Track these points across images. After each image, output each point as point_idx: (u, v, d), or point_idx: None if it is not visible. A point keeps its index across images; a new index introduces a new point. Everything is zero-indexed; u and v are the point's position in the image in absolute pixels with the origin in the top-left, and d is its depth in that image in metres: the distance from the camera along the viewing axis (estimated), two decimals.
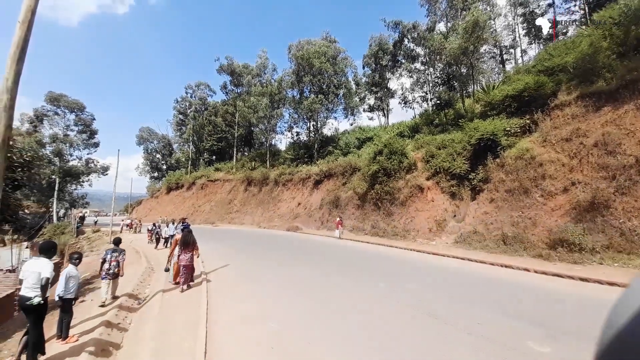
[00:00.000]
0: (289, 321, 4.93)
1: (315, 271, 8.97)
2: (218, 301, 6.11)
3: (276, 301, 6.17)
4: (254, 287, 7.37)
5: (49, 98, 32.78)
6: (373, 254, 12.29)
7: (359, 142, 32.49)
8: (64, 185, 34.44)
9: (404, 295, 6.48)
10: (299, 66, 34.06)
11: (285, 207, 28.56)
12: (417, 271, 9.08)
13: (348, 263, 10.33)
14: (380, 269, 9.34)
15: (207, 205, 39.69)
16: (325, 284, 7.60)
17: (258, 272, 8.94)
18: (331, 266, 9.65)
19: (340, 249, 13.71)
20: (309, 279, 8.14)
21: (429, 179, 17.50)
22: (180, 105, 55.20)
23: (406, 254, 12.35)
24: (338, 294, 6.61)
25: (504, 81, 26.14)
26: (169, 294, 6.75)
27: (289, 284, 7.62)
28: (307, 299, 6.29)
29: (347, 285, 7.42)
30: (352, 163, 23.80)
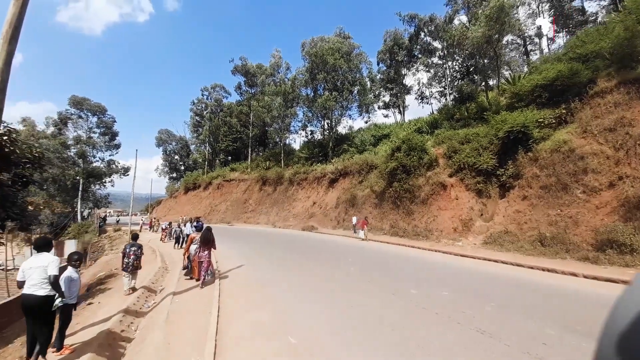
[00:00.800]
0: (308, 335, 4.31)
1: (337, 275, 8.26)
2: (231, 307, 5.67)
3: (294, 310, 5.58)
4: (270, 291, 6.81)
5: (72, 101, 34.12)
6: (397, 256, 11.48)
7: (374, 139, 31.60)
8: (87, 186, 35.75)
9: (440, 304, 5.65)
10: (312, 64, 33.56)
11: (300, 207, 28.14)
12: (449, 275, 8.30)
13: (372, 266, 9.52)
14: (408, 273, 8.56)
15: (223, 204, 40.02)
16: (349, 290, 6.81)
17: (274, 275, 8.40)
18: (354, 269, 8.83)
19: (360, 250, 12.93)
20: (329, 284, 7.41)
21: (451, 175, 16.48)
22: (196, 107, 56.20)
23: (432, 255, 11.50)
24: (364, 302, 5.90)
25: (531, 71, 24.59)
26: (180, 297, 6.35)
27: (307, 289, 6.97)
28: (328, 307, 5.59)
29: (373, 292, 6.66)
30: (369, 161, 23.02)
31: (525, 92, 18.22)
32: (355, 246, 14.11)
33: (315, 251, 13.00)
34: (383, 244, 14.81)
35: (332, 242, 15.89)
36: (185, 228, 15.40)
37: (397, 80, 49.69)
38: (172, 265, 11.10)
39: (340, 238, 17.57)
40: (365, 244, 15.08)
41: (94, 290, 7.91)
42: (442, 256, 11.14)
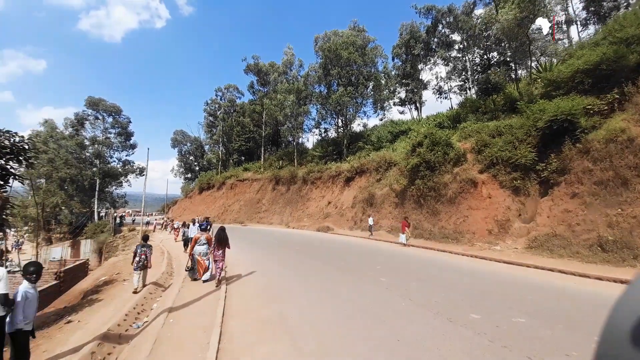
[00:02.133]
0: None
1: (367, 289, 6.67)
2: (237, 335, 4.43)
3: (315, 336, 4.26)
4: (284, 309, 5.47)
5: (88, 102, 34.70)
6: (431, 263, 10.09)
7: (391, 135, 30.11)
8: (104, 186, 36.26)
9: (525, 339, 3.96)
10: (326, 59, 32.46)
11: (315, 206, 27.10)
12: (508, 291, 6.59)
13: (406, 276, 7.91)
14: (454, 287, 6.85)
15: (236, 204, 39.63)
16: (389, 312, 5.20)
17: (290, 286, 7.17)
18: (385, 281, 7.26)
19: (385, 255, 11.62)
20: (360, 300, 5.86)
21: (482, 171, 14.92)
22: (210, 108, 56.42)
23: (473, 262, 9.93)
24: (416, 335, 4.22)
25: (564, 59, 22.57)
26: (176, 315, 5.24)
27: (332, 308, 5.49)
28: (366, 340, 4.07)
29: (421, 316, 4.99)
30: (387, 158, 21.66)
31: (564, 78, 16.49)
32: (379, 250, 12.81)
33: (335, 256, 11.76)
34: (407, 247, 13.48)
35: (352, 245, 14.59)
36: (189, 230, 13.62)
37: (414, 75, 47.86)
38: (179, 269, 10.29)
39: (360, 240, 16.34)
40: (405, 250, 13.49)
41: (84, 301, 7.14)
42: (486, 264, 9.64)
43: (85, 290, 8.22)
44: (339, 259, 10.92)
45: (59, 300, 7.24)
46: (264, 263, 10.38)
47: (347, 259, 11.01)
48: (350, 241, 16.03)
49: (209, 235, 8.59)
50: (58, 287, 9.96)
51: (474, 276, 8.02)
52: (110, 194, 39.22)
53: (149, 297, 6.01)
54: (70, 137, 33.82)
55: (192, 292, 6.51)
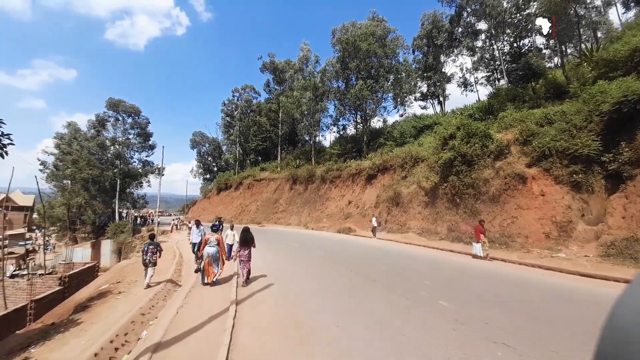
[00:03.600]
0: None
1: (423, 315, 4.96)
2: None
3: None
4: (316, 349, 3.89)
5: (109, 104, 35.36)
6: (492, 276, 7.91)
7: (415, 130, 28.16)
8: (125, 187, 36.80)
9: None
10: (343, 52, 30.97)
11: (334, 206, 25.69)
12: None
13: (472, 298, 5.85)
14: (554, 320, 4.72)
15: (253, 204, 38.99)
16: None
17: (319, 310, 5.39)
18: (447, 306, 5.37)
19: (426, 265, 9.58)
20: (422, 337, 4.13)
21: (531, 165, 12.91)
22: (227, 108, 56.51)
23: (543, 276, 7.76)
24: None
25: (612, 40, 19.94)
26: (166, 354, 3.88)
27: (379, 344, 3.95)
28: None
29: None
30: (413, 153, 19.87)
31: (621, 58, 14.37)
32: (416, 257, 10.96)
33: (369, 265, 9.71)
34: (445, 252, 11.75)
35: (385, 251, 12.87)
36: (191, 233, 11.52)
37: (436, 67, 45.39)
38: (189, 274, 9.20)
39: (391, 245, 14.71)
40: (436, 256, 11.51)
41: (64, 321, 6.15)
42: (561, 277, 7.62)
43: (78, 303, 7.28)
44: (374, 270, 8.88)
45: (51, 313, 6.42)
46: (283, 273, 8.82)
47: (383, 269, 9.06)
48: (380, 246, 14.41)
49: (219, 236, 8.05)
50: (62, 293, 9.30)
51: (563, 297, 6.09)
52: (131, 195, 39.85)
53: (139, 321, 4.79)
54: (92, 138, 34.54)
55: (194, 311, 5.28)
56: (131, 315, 4.65)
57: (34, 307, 7.28)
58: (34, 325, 6.06)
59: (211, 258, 7.63)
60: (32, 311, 7.25)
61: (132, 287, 7.67)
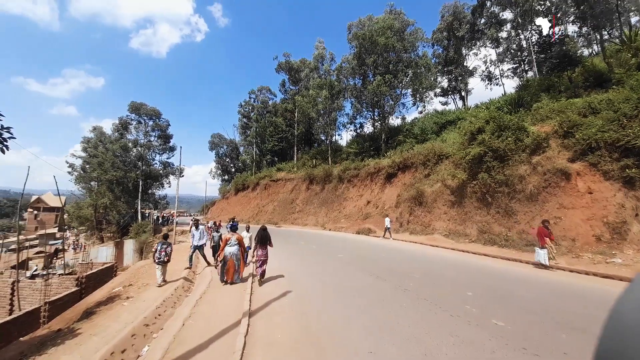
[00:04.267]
0: None
1: (478, 341, 3.95)
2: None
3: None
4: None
5: (131, 107, 36.59)
6: (548, 288, 6.63)
7: (437, 126, 26.83)
8: (147, 188, 37.89)
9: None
10: (360, 47, 30.14)
11: (352, 206, 24.92)
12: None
13: (533, 318, 4.76)
14: None
15: (270, 205, 38.92)
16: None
17: (341, 325, 4.60)
18: (503, 326, 4.41)
19: (463, 272, 8.20)
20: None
21: (574, 159, 11.61)
22: (244, 109, 57.09)
23: (606, 287, 6.56)
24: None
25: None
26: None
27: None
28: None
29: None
30: (437, 149, 18.75)
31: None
32: (449, 263, 9.78)
33: (394, 269, 8.68)
34: (480, 257, 10.70)
35: (413, 256, 11.66)
36: (192, 236, 10.32)
37: (458, 60, 43.51)
38: (204, 277, 8.81)
39: (419, 248, 13.76)
40: (468, 262, 10.18)
41: (61, 332, 5.83)
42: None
43: (86, 308, 7.00)
44: (404, 276, 7.82)
45: (60, 317, 6.20)
46: (301, 278, 8.09)
47: (415, 276, 7.93)
48: (404, 248, 13.52)
49: (239, 236, 8.08)
50: (79, 293, 9.24)
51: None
52: (153, 195, 41.00)
53: (141, 334, 4.32)
54: (115, 140, 35.82)
55: (202, 323, 4.77)
56: (133, 327, 4.18)
57: (48, 309, 7.17)
58: (38, 331, 5.84)
59: (233, 257, 7.71)
60: (47, 313, 7.13)
61: (142, 292, 7.35)
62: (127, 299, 7.02)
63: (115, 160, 34.09)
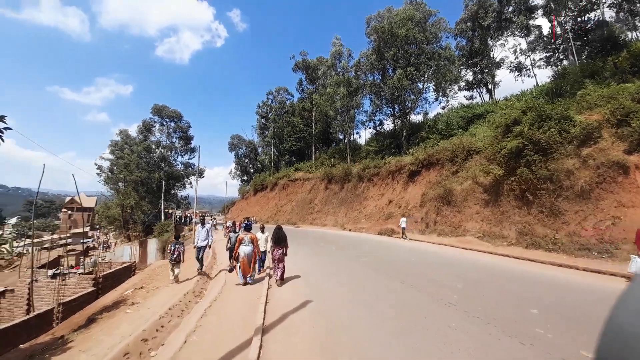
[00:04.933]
0: None
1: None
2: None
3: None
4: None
5: (154, 110, 37.75)
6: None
7: (464, 121, 25.21)
8: (169, 188, 38.91)
9: None
10: (379, 40, 29.03)
11: (373, 206, 23.93)
12: None
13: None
14: None
15: (288, 205, 38.65)
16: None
17: (378, 355, 3.68)
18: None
19: (525, 285, 6.70)
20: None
21: (632, 151, 10.11)
22: (262, 110, 57.47)
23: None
24: None
25: None
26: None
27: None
28: None
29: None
30: (466, 144, 17.41)
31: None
32: (493, 270, 8.35)
33: (430, 277, 7.53)
34: (524, 262, 9.48)
35: (446, 259, 10.21)
36: (197, 235, 9.38)
37: (484, 51, 41.18)
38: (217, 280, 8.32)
39: (446, 250, 12.71)
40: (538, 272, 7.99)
41: (62, 340, 5.51)
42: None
43: (89, 315, 6.55)
44: (443, 286, 6.60)
45: (68, 321, 5.94)
46: (323, 285, 7.23)
47: (457, 286, 6.67)
48: (435, 251, 12.46)
49: (253, 235, 7.88)
50: (95, 294, 9.13)
51: None
52: (175, 196, 42.07)
53: (136, 352, 3.71)
54: (140, 142, 37.05)
55: (208, 338, 4.16)
56: (127, 344, 3.59)
57: (62, 310, 6.98)
58: (42, 337, 5.56)
59: (247, 257, 7.52)
60: (60, 315, 6.93)
61: (150, 296, 6.96)
62: (132, 304, 6.64)
63: (140, 161, 35.26)
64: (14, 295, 9.25)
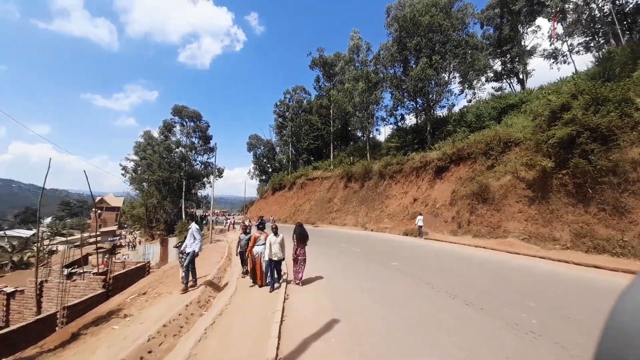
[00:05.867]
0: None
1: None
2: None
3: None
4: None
5: (174, 110, 38.45)
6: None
7: (496, 112, 23.19)
8: (189, 188, 39.49)
9: None
10: (400, 30, 27.51)
11: (396, 205, 22.57)
12: None
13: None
14: None
15: (307, 204, 37.94)
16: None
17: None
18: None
19: (598, 298, 5.28)
20: None
21: None
22: (279, 109, 57.31)
23: None
24: None
25: None
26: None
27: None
28: None
29: None
30: (502, 136, 15.70)
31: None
32: (560, 281, 6.73)
33: (482, 289, 6.20)
34: (590, 269, 7.95)
35: (493, 266, 8.53)
36: (194, 235, 8.00)
37: (515, 38, 38.39)
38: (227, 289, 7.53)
39: (486, 254, 11.30)
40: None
41: (52, 348, 4.80)
42: None
43: (73, 330, 5.70)
44: (517, 308, 5.04)
45: (64, 329, 5.40)
46: (350, 297, 5.97)
47: (533, 305, 5.13)
48: (474, 254, 11.06)
49: (267, 234, 7.34)
50: (105, 295, 8.73)
51: None
52: (195, 195, 42.71)
53: None
54: (161, 142, 37.87)
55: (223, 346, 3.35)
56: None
57: (67, 314, 6.49)
58: (28, 350, 5.00)
59: (261, 257, 7.08)
60: (65, 319, 6.44)
61: (149, 305, 6.22)
62: (124, 317, 5.85)
63: (162, 161, 36.01)
64: (24, 296, 9.09)
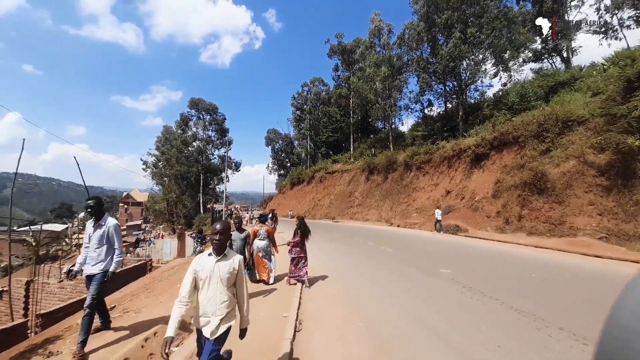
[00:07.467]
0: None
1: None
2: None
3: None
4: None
5: (190, 103, 38.17)
6: None
7: (544, 91, 20.17)
8: (207, 181, 39.26)
9: None
10: (428, 5, 24.88)
11: (425, 198, 20.40)
12: None
13: None
14: None
15: (326, 198, 36.40)
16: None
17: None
18: None
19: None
20: None
21: None
22: (297, 102, 55.99)
23: None
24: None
25: None
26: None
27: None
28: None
29: None
30: (560, 114, 13.11)
31: None
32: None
33: (579, 311, 4.33)
34: None
35: (574, 273, 6.37)
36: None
37: (558, 12, 34.06)
38: None
39: (554, 256, 9.05)
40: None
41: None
42: None
43: (23, 349, 4.43)
44: None
45: (28, 341, 4.38)
46: (399, 326, 4.07)
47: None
48: (538, 257, 8.76)
49: (269, 228, 6.87)
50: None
51: None
52: (213, 190, 42.56)
53: None
54: (178, 136, 37.85)
55: None
56: None
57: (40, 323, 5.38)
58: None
59: (261, 253, 6.53)
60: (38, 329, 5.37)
61: (133, 315, 4.71)
62: (97, 332, 3.98)
63: (180, 155, 35.93)
64: (12, 297, 8.33)
